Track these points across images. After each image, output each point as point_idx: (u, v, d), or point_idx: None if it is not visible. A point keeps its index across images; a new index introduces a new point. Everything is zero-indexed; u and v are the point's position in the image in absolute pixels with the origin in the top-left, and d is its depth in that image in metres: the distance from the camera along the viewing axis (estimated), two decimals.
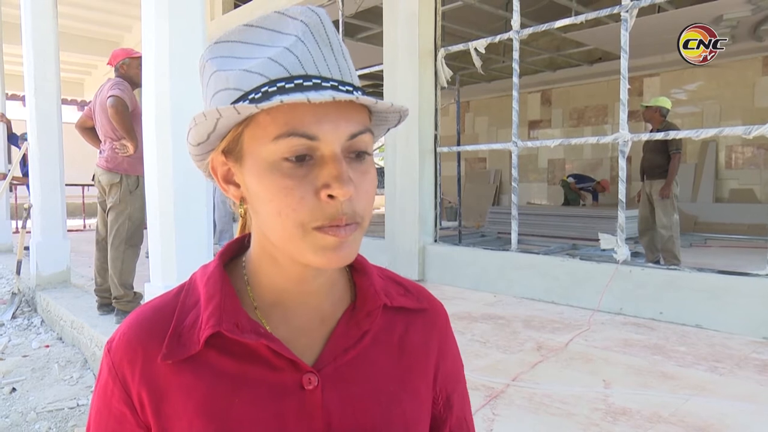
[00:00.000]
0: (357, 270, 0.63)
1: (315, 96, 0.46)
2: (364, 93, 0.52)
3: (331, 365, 0.57)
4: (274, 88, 0.48)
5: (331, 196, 0.49)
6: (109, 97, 3.44)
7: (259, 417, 0.54)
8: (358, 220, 0.51)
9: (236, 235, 0.65)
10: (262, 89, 0.49)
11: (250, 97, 0.49)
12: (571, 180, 10.25)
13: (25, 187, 6.45)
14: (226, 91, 0.51)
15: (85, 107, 3.94)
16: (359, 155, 0.52)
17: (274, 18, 0.53)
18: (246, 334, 0.54)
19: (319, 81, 0.49)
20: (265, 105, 0.46)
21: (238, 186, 0.55)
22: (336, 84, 0.50)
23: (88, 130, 3.85)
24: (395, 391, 0.59)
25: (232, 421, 0.53)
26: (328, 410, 0.55)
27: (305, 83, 0.49)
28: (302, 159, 0.49)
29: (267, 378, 0.55)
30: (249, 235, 0.61)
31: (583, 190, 10.20)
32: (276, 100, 0.46)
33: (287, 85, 0.48)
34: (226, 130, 0.52)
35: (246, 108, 0.47)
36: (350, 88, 0.51)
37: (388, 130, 0.60)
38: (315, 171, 0.50)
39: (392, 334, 0.62)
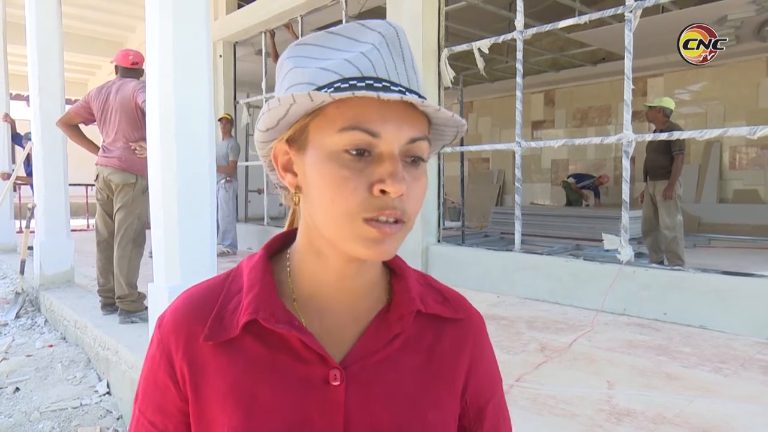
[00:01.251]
0: (396, 274, 0.65)
1: (385, 94, 0.49)
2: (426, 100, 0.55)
3: (357, 364, 0.58)
4: (346, 85, 0.52)
5: (383, 192, 0.51)
6: (145, 101, 3.42)
7: (283, 404, 0.56)
8: (405, 219, 0.53)
9: (285, 228, 0.68)
10: (335, 84, 0.52)
11: (322, 91, 0.52)
12: (571, 180, 10.22)
13: (28, 186, 6.47)
14: (300, 85, 0.54)
15: (75, 105, 3.83)
16: (415, 160, 0.55)
17: (353, 27, 0.56)
18: (280, 324, 0.57)
19: (388, 84, 0.53)
20: (337, 95, 0.49)
21: (295, 175, 0.58)
22: (403, 90, 0.53)
23: (74, 128, 3.80)
24: (418, 397, 0.60)
25: (259, 405, 0.56)
26: (349, 408, 0.57)
27: (375, 84, 0.52)
28: (361, 153, 0.52)
29: (295, 369, 0.57)
30: (295, 230, 0.64)
31: (584, 188, 10.17)
32: (347, 93, 0.49)
33: (359, 84, 0.52)
34: (296, 118, 0.55)
35: (319, 95, 0.49)
36: (416, 96, 0.53)
37: (443, 146, 0.63)
38: (372, 167, 0.52)
39: (423, 340, 0.63)
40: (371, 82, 0.52)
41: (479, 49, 4.88)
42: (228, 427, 0.55)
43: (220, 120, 6.83)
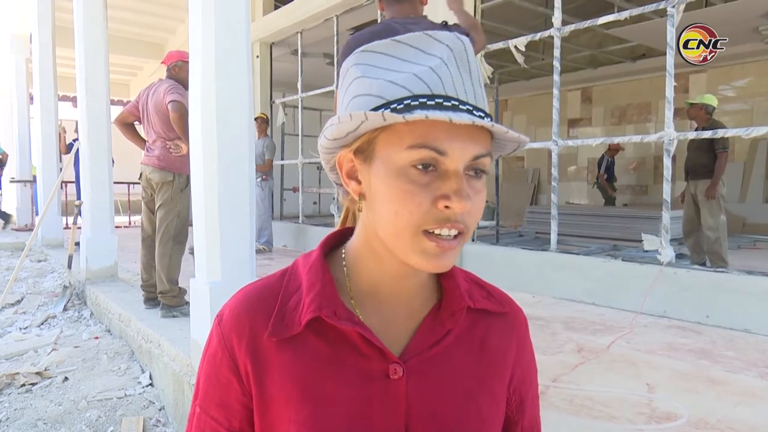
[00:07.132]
0: (444, 272, 0.66)
1: (456, 117, 0.50)
2: (492, 120, 0.56)
3: (415, 358, 0.61)
4: (416, 103, 0.53)
5: (447, 207, 0.53)
6: (171, 102, 3.53)
7: (346, 398, 0.59)
8: (464, 230, 0.55)
9: (338, 227, 0.71)
10: (405, 101, 0.54)
11: (392, 106, 0.53)
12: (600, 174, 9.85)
13: (74, 185, 6.70)
14: (369, 96, 0.56)
15: (128, 104, 4.03)
16: (477, 173, 0.56)
17: (422, 38, 0.57)
18: (342, 321, 0.59)
19: (457, 103, 0.54)
20: (410, 117, 0.50)
21: (359, 182, 0.60)
22: (471, 108, 0.54)
23: (128, 126, 3.96)
24: (473, 388, 0.63)
25: (325, 399, 0.58)
26: (410, 400, 0.59)
27: (445, 103, 0.53)
28: (427, 167, 0.54)
29: (357, 363, 0.60)
30: (350, 229, 0.66)
31: (606, 172, 9.69)
32: (420, 114, 0.51)
33: (428, 102, 0.53)
34: (365, 132, 0.56)
35: (392, 117, 0.51)
36: (482, 114, 0.55)
37: (500, 156, 0.64)
38: (437, 182, 0.54)
39: (474, 334, 0.66)
40: (441, 100, 0.53)
41: (515, 46, 4.84)
42: (295, 421, 0.58)
43: (255, 119, 6.95)
